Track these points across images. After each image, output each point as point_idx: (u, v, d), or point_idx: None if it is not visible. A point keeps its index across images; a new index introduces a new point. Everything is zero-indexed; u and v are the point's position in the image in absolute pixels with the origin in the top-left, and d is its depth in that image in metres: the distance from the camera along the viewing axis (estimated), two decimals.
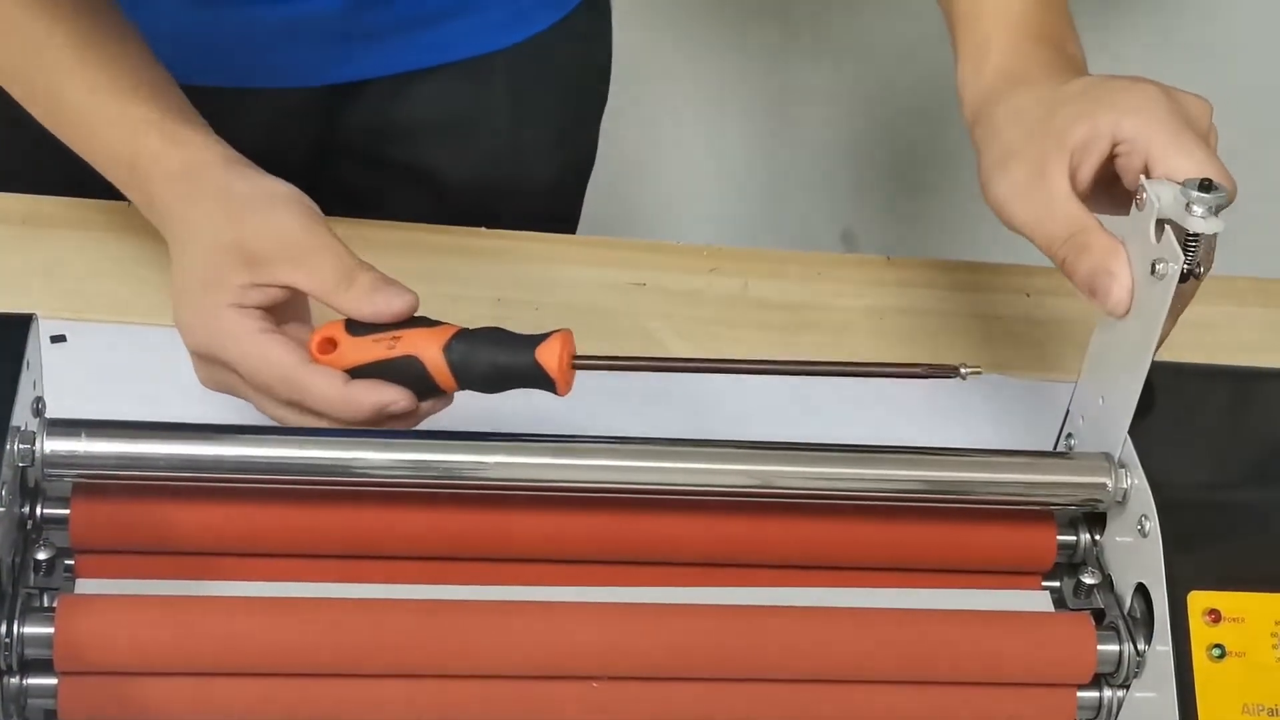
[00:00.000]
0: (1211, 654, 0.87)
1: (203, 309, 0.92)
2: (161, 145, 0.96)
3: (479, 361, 0.90)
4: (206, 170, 0.95)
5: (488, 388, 0.91)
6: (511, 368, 0.90)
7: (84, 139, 0.99)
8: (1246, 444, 0.97)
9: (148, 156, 0.96)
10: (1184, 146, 0.88)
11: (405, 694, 0.87)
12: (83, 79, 0.97)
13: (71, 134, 0.99)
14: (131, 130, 0.96)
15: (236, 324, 0.91)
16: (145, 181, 0.96)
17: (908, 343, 1.16)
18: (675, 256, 1.21)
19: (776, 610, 0.90)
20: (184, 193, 0.95)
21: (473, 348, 0.90)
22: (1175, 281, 0.86)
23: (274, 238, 0.92)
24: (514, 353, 0.90)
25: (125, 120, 0.96)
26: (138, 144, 0.96)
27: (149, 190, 0.96)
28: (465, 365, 0.90)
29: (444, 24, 1.22)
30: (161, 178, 0.95)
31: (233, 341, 0.91)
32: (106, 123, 0.97)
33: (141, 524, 0.89)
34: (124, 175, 0.97)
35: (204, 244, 0.93)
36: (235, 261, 0.91)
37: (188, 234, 0.94)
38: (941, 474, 0.92)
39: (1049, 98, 0.93)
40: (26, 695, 0.84)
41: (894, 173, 2.16)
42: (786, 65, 2.10)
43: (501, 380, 0.90)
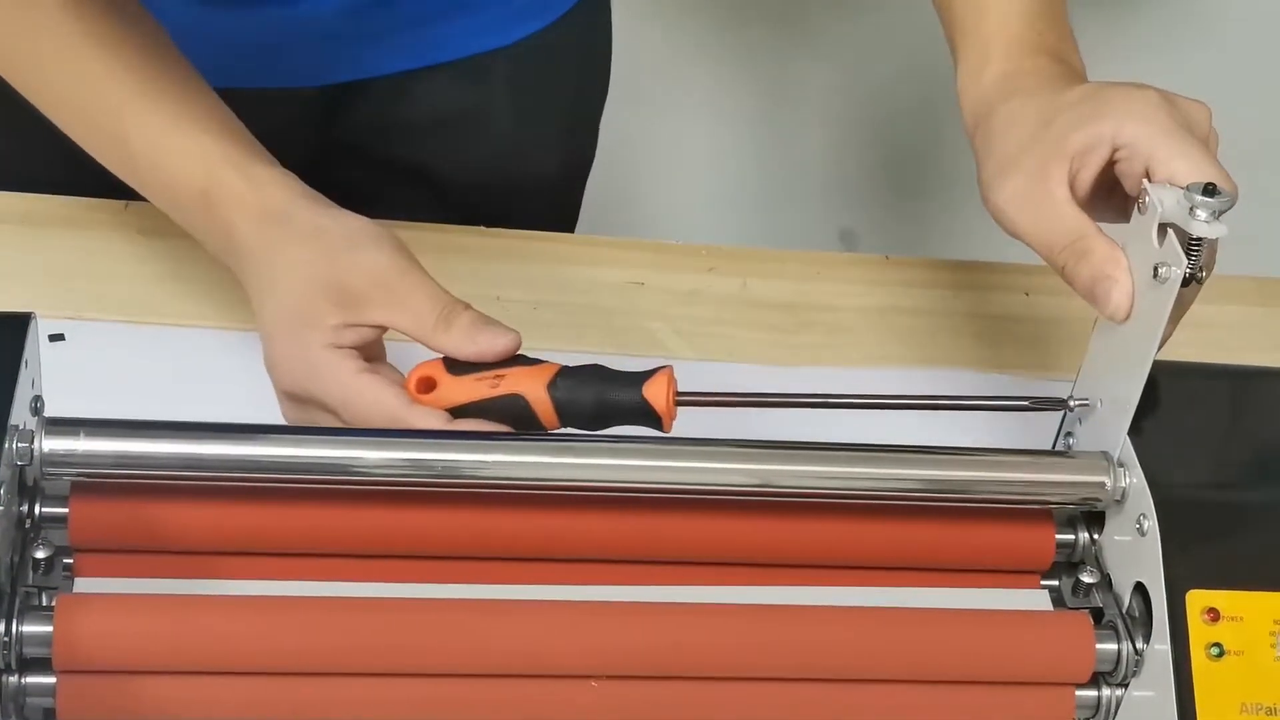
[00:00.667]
0: (1210, 653, 0.87)
1: (298, 349, 0.92)
2: (241, 185, 0.95)
3: (584, 399, 0.91)
4: (292, 211, 0.95)
5: (590, 425, 0.91)
6: (618, 405, 0.91)
7: (150, 174, 0.98)
8: (1245, 443, 0.97)
9: (227, 195, 0.95)
10: (1184, 151, 0.89)
11: (405, 693, 0.87)
12: (149, 112, 0.97)
13: (137, 169, 0.98)
14: (205, 165, 0.96)
15: (336, 364, 0.91)
16: (225, 221, 0.95)
17: (907, 342, 1.16)
18: (674, 256, 1.21)
19: (775, 609, 0.90)
20: (273, 236, 0.94)
21: (577, 385, 0.91)
22: (1178, 285, 0.86)
23: (368, 277, 0.92)
24: (620, 390, 0.91)
25: (198, 153, 0.96)
26: (213, 179, 0.96)
27: (229, 229, 0.95)
28: (570, 403, 0.91)
29: (445, 23, 1.22)
30: (244, 219, 0.95)
31: (334, 383, 0.91)
32: (178, 155, 0.96)
33: (140, 523, 0.89)
34: (195, 209, 0.97)
35: (296, 284, 0.92)
36: (330, 301, 0.91)
37: (276, 274, 0.93)
38: (940, 473, 0.92)
39: (1048, 105, 0.93)
40: (25, 694, 0.84)
41: (893, 172, 2.16)
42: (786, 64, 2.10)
43: (606, 418, 0.91)
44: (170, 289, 1.12)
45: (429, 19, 1.21)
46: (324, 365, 0.91)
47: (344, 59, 1.21)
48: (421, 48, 1.22)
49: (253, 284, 0.95)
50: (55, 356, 0.99)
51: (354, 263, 0.92)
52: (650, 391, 0.90)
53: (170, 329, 1.09)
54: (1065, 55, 0.98)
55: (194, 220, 0.97)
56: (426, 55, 1.23)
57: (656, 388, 0.91)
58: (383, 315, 0.92)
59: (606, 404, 0.91)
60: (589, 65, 1.34)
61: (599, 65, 1.36)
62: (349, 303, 0.92)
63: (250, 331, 1.08)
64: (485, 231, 1.19)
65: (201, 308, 1.11)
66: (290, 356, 0.92)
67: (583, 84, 1.34)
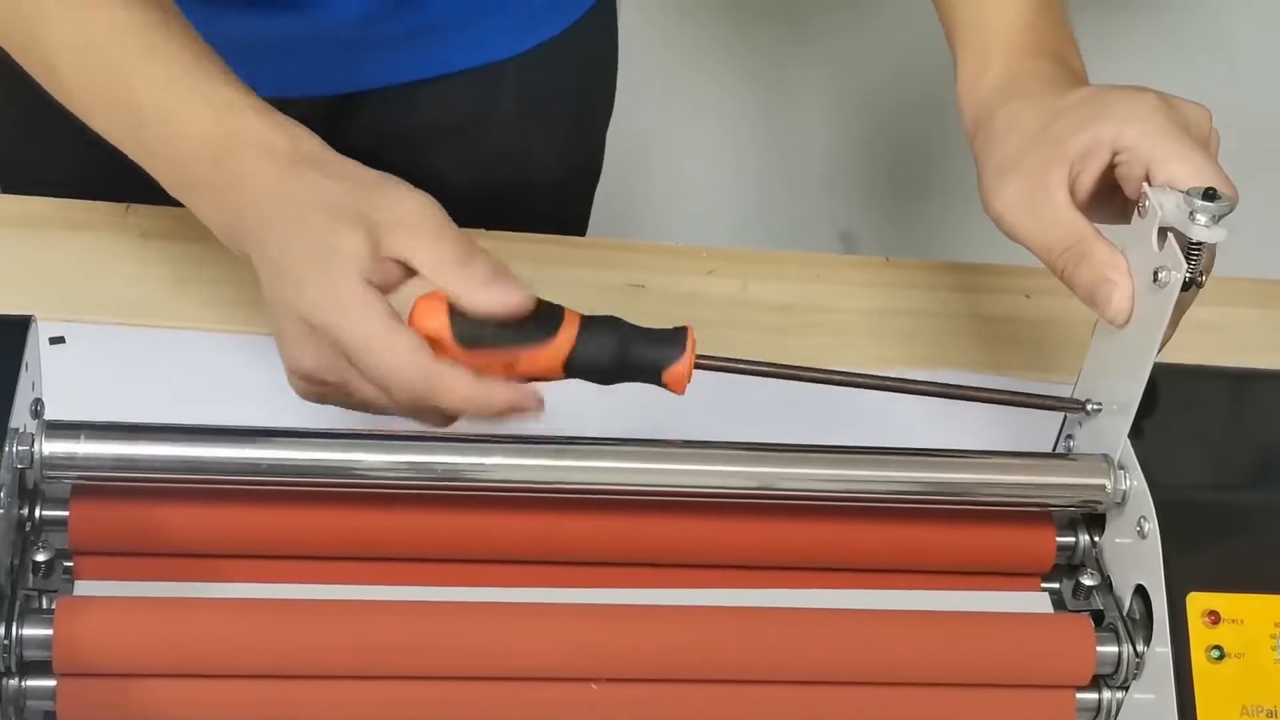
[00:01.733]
0: (1210, 655, 0.87)
1: (327, 280, 0.85)
2: (265, 127, 0.90)
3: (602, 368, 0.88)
4: (322, 154, 0.90)
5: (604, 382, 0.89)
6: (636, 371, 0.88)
7: (158, 128, 0.92)
8: (1245, 445, 0.97)
9: (250, 135, 0.90)
10: (1184, 154, 0.89)
11: (405, 696, 0.87)
12: (160, 64, 0.92)
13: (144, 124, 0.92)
14: (222, 110, 0.90)
15: (366, 304, 0.84)
16: (239, 172, 0.89)
17: (907, 344, 1.16)
18: (674, 258, 1.21)
19: (776, 612, 0.90)
20: (298, 173, 0.88)
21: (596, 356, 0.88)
22: (1178, 289, 0.86)
23: (395, 214, 0.87)
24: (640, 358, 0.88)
25: (215, 99, 0.91)
26: (232, 122, 0.90)
27: (241, 181, 0.89)
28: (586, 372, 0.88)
29: (454, 33, 1.22)
30: (266, 162, 0.89)
31: (362, 324, 0.84)
32: (191, 103, 0.91)
33: (140, 526, 0.89)
34: (206, 161, 0.90)
35: (324, 215, 0.86)
36: (355, 228, 0.86)
37: (303, 207, 0.87)
38: (941, 475, 0.92)
39: (1049, 109, 0.93)
40: (25, 697, 0.84)
41: (893, 174, 2.16)
42: (786, 66, 2.10)
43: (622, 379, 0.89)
44: (171, 292, 1.12)
45: (439, 29, 1.21)
46: (354, 301, 0.85)
47: (354, 68, 1.21)
48: (431, 58, 1.22)
49: (270, 227, 0.88)
50: (56, 359, 0.99)
51: (384, 196, 0.88)
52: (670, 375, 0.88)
53: (171, 332, 1.09)
54: (1066, 57, 0.98)
55: (203, 174, 0.91)
56: (435, 65, 1.23)
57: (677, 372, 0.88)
58: (405, 249, 0.86)
59: (625, 372, 0.88)
60: (595, 75, 1.34)
61: (605, 76, 1.36)
62: (375, 231, 0.86)
63: (251, 334, 1.08)
64: (485, 233, 1.19)
65: (202, 311, 1.11)
66: (318, 286, 0.85)
67: (589, 93, 1.34)
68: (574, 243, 1.22)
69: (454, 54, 1.23)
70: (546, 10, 1.26)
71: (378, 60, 1.21)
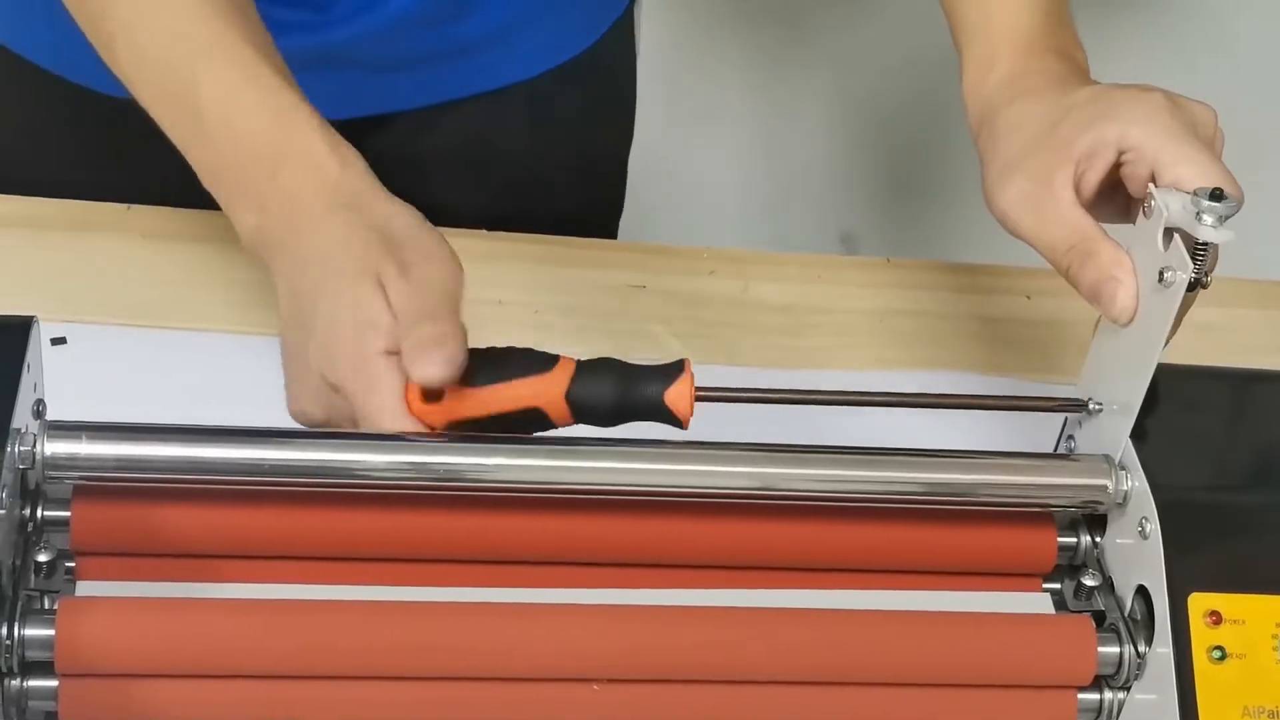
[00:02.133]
0: (1212, 656, 0.87)
1: (357, 354, 0.87)
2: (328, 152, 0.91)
3: (603, 403, 0.88)
4: (366, 198, 0.91)
5: (606, 425, 0.90)
6: (638, 408, 0.89)
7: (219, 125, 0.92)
8: (1247, 446, 0.97)
9: (306, 153, 0.91)
10: (1190, 155, 0.89)
11: (407, 696, 0.87)
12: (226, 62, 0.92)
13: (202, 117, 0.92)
14: (284, 119, 0.91)
15: (388, 382, 0.86)
16: (295, 177, 0.90)
17: (908, 345, 1.16)
18: (675, 259, 1.21)
19: (777, 612, 0.90)
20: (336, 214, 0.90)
21: (596, 389, 0.88)
22: (1183, 290, 0.86)
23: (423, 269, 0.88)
24: (640, 392, 0.89)
25: (276, 107, 0.91)
26: (292, 132, 0.91)
27: (296, 190, 0.90)
28: (588, 409, 0.89)
29: (471, 57, 1.21)
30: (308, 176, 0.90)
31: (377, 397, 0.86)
32: (253, 108, 0.91)
33: (142, 526, 0.89)
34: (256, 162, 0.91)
35: (354, 272, 0.88)
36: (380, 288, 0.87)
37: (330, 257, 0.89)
38: (942, 476, 0.92)
39: (1054, 107, 0.93)
40: (27, 697, 0.84)
41: (894, 174, 2.16)
42: (786, 67, 2.10)
43: (624, 418, 0.89)
44: (172, 293, 1.12)
45: (457, 52, 1.20)
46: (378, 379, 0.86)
47: (369, 91, 1.20)
48: (449, 81, 1.22)
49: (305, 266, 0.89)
50: (58, 360, 0.99)
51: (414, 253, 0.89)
52: (672, 396, 0.89)
53: (172, 332, 1.09)
54: (1072, 55, 0.98)
55: (249, 178, 0.91)
56: (454, 88, 1.22)
57: (679, 392, 0.88)
58: None
59: (626, 407, 0.89)
60: (611, 101, 1.33)
61: (623, 101, 1.35)
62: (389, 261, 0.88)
63: (253, 335, 1.08)
64: (486, 235, 1.19)
65: (204, 311, 1.11)
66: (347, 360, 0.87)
67: (605, 120, 1.34)
68: (575, 243, 1.22)
69: (472, 77, 1.22)
70: (565, 33, 1.25)
71: (394, 84, 1.20)
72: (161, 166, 0.96)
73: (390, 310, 0.87)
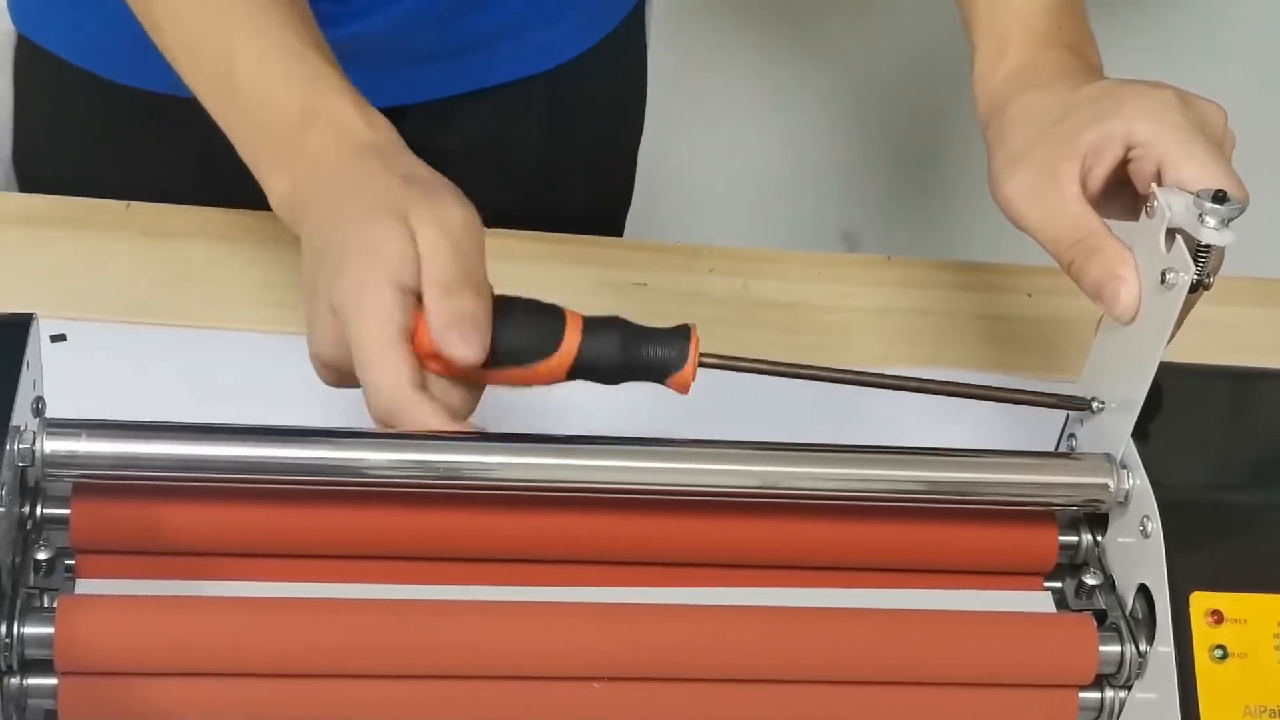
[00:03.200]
0: (1214, 655, 0.87)
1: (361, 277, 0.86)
2: (357, 115, 0.91)
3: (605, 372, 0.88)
4: (391, 143, 0.91)
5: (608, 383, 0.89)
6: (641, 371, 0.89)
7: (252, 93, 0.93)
8: (1248, 444, 0.97)
9: (336, 116, 0.91)
10: (1196, 155, 0.88)
11: (408, 694, 0.87)
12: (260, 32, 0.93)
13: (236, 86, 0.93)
14: (316, 86, 0.92)
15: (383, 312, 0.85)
16: (323, 138, 0.91)
17: (909, 343, 1.16)
18: (675, 256, 1.21)
19: (778, 611, 0.90)
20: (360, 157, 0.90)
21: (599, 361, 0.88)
22: (1185, 291, 0.86)
23: (437, 216, 0.88)
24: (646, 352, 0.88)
25: (308, 75, 0.92)
26: (323, 98, 0.92)
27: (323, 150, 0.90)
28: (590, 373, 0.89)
29: (485, 50, 1.21)
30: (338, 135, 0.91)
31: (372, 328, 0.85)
32: (285, 75, 0.92)
33: (142, 524, 0.89)
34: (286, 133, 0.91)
35: (371, 210, 0.87)
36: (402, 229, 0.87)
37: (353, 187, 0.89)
38: (943, 474, 0.92)
39: (1064, 100, 0.93)
40: (26, 695, 0.84)
41: (895, 172, 2.16)
42: (786, 65, 2.10)
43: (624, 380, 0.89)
44: (172, 290, 1.12)
45: (472, 46, 1.20)
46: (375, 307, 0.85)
47: (386, 84, 1.20)
48: (464, 73, 1.22)
49: (322, 201, 0.89)
50: (57, 357, 0.99)
51: (433, 202, 0.88)
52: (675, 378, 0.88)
53: (172, 330, 1.09)
54: (1083, 50, 0.98)
55: (281, 142, 0.92)
56: (468, 81, 1.22)
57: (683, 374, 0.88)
58: None
59: (629, 369, 0.88)
60: (624, 93, 1.33)
61: (634, 94, 1.35)
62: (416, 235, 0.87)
63: (253, 332, 1.08)
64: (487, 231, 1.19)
65: (203, 309, 1.11)
66: (351, 281, 0.86)
67: (618, 112, 1.34)
68: (575, 240, 1.22)
69: (487, 71, 1.22)
70: (578, 27, 1.25)
71: (410, 77, 1.20)
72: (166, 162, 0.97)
73: (407, 243, 0.86)
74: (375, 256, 0.86)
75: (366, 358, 0.85)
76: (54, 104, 1.23)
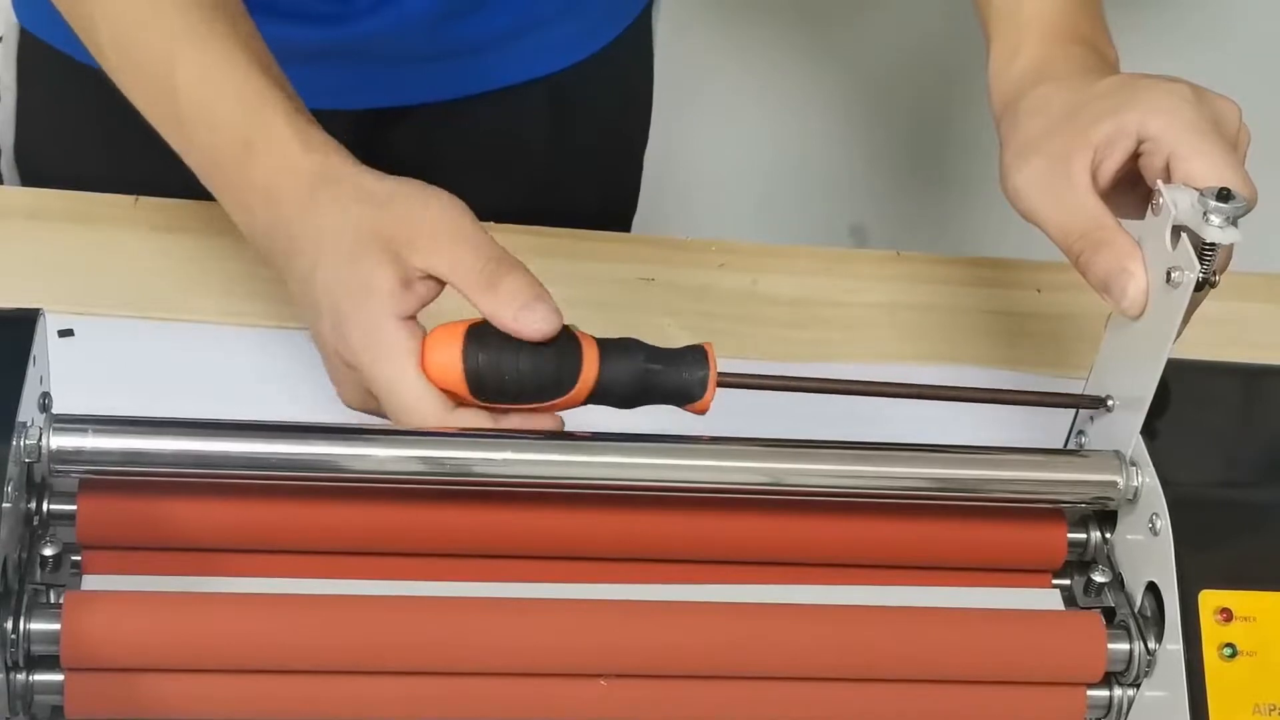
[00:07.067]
0: (1223, 653, 0.86)
1: (362, 322, 0.86)
2: (293, 139, 0.90)
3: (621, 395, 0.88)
4: (342, 174, 0.89)
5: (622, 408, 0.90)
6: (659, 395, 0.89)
7: (193, 120, 0.91)
8: (1258, 441, 0.96)
9: (274, 146, 0.90)
10: (1206, 151, 0.88)
11: (414, 691, 0.87)
12: (199, 51, 0.91)
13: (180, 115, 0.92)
14: (254, 109, 0.90)
15: (394, 346, 0.86)
16: (265, 179, 0.90)
17: (918, 338, 1.16)
18: (684, 252, 1.21)
19: (786, 608, 0.90)
20: (320, 198, 0.88)
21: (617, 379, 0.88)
22: (1190, 290, 0.86)
23: (415, 223, 0.87)
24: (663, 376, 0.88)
25: (248, 96, 0.90)
26: (261, 124, 0.90)
27: (268, 188, 0.90)
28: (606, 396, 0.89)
29: (490, 52, 1.21)
30: (289, 175, 0.89)
31: (388, 365, 0.86)
32: (225, 98, 0.91)
33: (148, 520, 0.89)
34: (235, 161, 0.90)
35: (344, 246, 0.87)
36: (384, 258, 0.86)
37: (323, 239, 0.88)
38: (951, 471, 0.92)
39: (1078, 94, 0.93)
40: (33, 691, 0.84)
41: (904, 167, 2.16)
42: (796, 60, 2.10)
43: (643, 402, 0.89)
44: (180, 285, 1.12)
45: (477, 47, 1.20)
46: (385, 343, 0.86)
47: (389, 83, 1.19)
48: (469, 75, 1.21)
49: (299, 250, 0.89)
50: (64, 353, 0.99)
51: (405, 210, 0.88)
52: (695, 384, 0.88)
53: (179, 325, 1.09)
54: (1099, 45, 0.98)
55: (231, 177, 0.91)
56: (474, 83, 1.22)
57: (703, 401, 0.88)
58: (428, 262, 0.86)
59: (645, 394, 0.88)
60: (629, 98, 1.33)
61: (640, 98, 1.34)
62: (399, 254, 0.86)
63: (261, 328, 1.08)
64: (494, 227, 1.19)
65: (212, 304, 1.10)
66: (356, 328, 0.86)
67: (623, 117, 1.33)
68: (583, 235, 1.21)
69: (492, 72, 1.22)
70: (586, 30, 1.25)
71: (415, 76, 1.20)
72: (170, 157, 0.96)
73: (392, 271, 0.86)
74: (368, 299, 0.86)
75: (399, 404, 0.87)
76: (58, 99, 1.23)
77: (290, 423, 0.90)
